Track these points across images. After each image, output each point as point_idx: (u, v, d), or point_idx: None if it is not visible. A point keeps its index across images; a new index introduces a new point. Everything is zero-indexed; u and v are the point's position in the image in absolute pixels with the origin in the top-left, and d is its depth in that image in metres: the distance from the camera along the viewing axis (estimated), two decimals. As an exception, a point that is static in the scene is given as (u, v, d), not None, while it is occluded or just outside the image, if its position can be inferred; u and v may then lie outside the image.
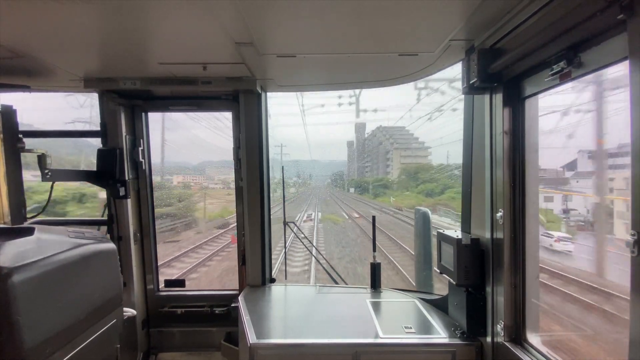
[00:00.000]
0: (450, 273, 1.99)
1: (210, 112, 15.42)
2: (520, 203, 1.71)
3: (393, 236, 16.53)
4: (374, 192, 53.51)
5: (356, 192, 60.69)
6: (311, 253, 3.32)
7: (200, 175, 25.14)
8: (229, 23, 1.60)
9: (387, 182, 56.25)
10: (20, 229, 1.56)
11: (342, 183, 75.76)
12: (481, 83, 1.71)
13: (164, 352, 2.95)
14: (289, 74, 2.47)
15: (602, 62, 1.19)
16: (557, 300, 4.43)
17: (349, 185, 70.00)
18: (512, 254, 1.72)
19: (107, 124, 2.67)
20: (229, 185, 25.71)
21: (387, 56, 2.05)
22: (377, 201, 42.99)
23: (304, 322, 2.24)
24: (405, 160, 60.29)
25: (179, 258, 11.30)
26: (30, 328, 1.23)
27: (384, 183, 56.06)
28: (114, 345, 1.77)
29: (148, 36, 1.77)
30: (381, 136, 70.33)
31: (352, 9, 1.47)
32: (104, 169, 2.62)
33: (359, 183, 66.15)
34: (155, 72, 2.34)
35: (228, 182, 25.26)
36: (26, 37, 1.74)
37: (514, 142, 1.71)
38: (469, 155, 2.09)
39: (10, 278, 1.18)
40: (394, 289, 2.81)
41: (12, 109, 2.35)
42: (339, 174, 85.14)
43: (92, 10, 1.45)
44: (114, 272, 1.77)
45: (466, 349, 1.94)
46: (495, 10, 1.51)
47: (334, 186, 77.70)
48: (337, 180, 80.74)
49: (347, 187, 69.17)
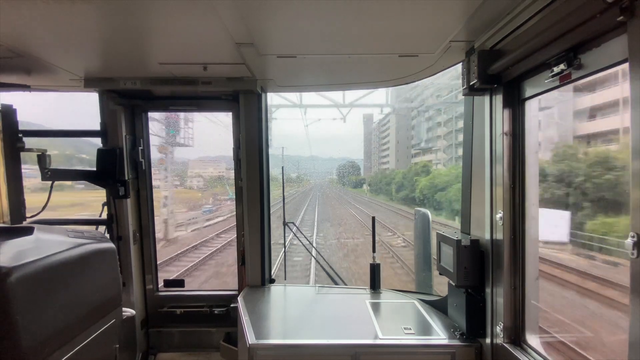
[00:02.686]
0: (450, 274, 1.99)
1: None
2: (520, 204, 1.71)
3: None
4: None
5: (370, 192, 46.72)
6: (310, 253, 3.32)
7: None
8: (230, 23, 1.60)
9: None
10: (20, 228, 1.56)
11: (355, 179, 58.19)
12: (481, 84, 1.71)
13: (163, 353, 2.95)
14: (289, 75, 2.47)
15: (602, 63, 1.19)
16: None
17: (366, 183, 53.95)
18: (511, 255, 1.72)
19: (107, 124, 2.66)
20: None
21: (388, 57, 2.05)
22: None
23: (304, 322, 2.23)
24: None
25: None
26: (29, 327, 1.23)
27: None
28: (112, 345, 1.77)
29: (148, 36, 1.77)
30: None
31: (352, 10, 1.47)
32: (104, 169, 2.62)
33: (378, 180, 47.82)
34: (156, 72, 2.34)
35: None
36: (26, 36, 1.74)
37: (514, 143, 1.71)
38: (469, 156, 2.09)
39: (9, 277, 1.18)
40: (393, 290, 2.81)
41: (12, 109, 2.35)
42: (349, 166, 63.40)
43: (92, 10, 1.45)
44: (113, 272, 1.77)
45: (465, 350, 1.94)
46: (495, 12, 1.52)
47: (341, 184, 60.57)
48: (346, 174, 60.49)
49: (362, 185, 54.00)
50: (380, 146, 63.85)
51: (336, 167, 69.21)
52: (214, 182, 25.68)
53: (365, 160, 73.42)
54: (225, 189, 25.98)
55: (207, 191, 25.46)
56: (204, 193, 25.18)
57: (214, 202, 24.23)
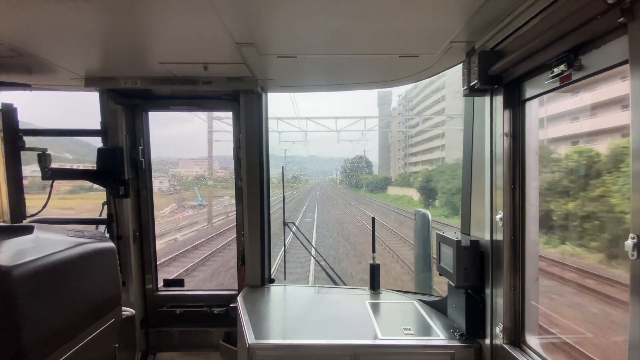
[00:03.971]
0: (450, 275, 1.99)
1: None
2: (520, 205, 1.71)
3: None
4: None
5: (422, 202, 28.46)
6: (310, 253, 3.32)
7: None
8: (230, 23, 1.60)
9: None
10: (20, 227, 1.56)
11: (370, 179, 45.16)
12: (482, 85, 1.71)
13: (162, 352, 2.95)
14: (290, 75, 2.48)
15: (603, 65, 1.19)
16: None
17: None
18: (511, 256, 1.72)
19: (107, 123, 2.66)
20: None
21: (388, 57, 2.05)
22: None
23: (303, 322, 2.23)
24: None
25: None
26: (29, 326, 1.23)
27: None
28: (112, 345, 1.77)
29: (149, 36, 1.78)
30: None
31: (353, 10, 1.47)
32: (104, 168, 2.62)
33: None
34: (156, 72, 2.35)
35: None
36: (27, 35, 1.74)
37: (514, 144, 1.71)
38: (469, 157, 2.09)
39: (9, 276, 1.18)
40: (393, 290, 2.81)
41: (12, 108, 2.35)
42: (357, 162, 48.93)
43: (93, 9, 1.46)
44: (113, 271, 1.77)
45: (465, 351, 1.94)
46: (496, 13, 1.52)
47: (349, 186, 48.65)
48: (353, 173, 47.85)
49: (385, 187, 43.10)
50: (407, 135, 45.93)
51: (341, 165, 56.48)
52: (186, 184, 22.80)
53: (382, 154, 59.81)
54: (195, 193, 22.59)
55: (173, 195, 22.90)
56: (169, 198, 22.70)
57: (176, 211, 21.06)
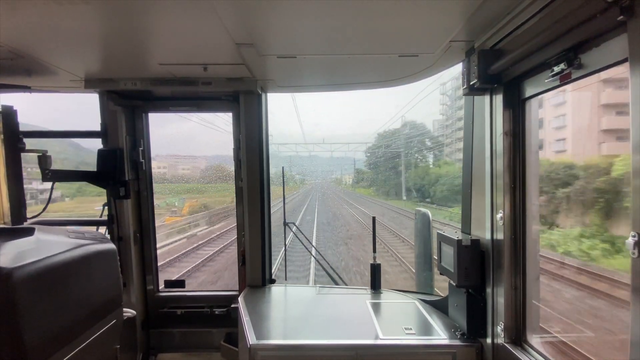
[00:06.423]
0: (451, 274, 1.99)
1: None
2: (521, 204, 1.71)
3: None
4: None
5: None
6: (310, 253, 3.32)
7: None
8: (230, 24, 1.60)
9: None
10: (20, 229, 1.56)
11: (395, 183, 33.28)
12: (481, 84, 1.71)
13: (163, 353, 2.95)
14: (290, 75, 2.48)
15: (602, 63, 1.19)
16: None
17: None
18: (512, 255, 1.72)
19: (107, 125, 2.67)
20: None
21: (388, 57, 2.05)
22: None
23: (304, 323, 2.23)
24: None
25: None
26: (30, 328, 1.23)
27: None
28: (113, 346, 1.77)
29: (148, 37, 1.78)
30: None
31: (352, 10, 1.47)
32: (105, 170, 2.62)
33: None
34: (156, 73, 2.35)
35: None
36: (27, 37, 1.74)
37: (514, 143, 1.71)
38: (469, 156, 2.09)
39: (10, 278, 1.18)
40: (394, 290, 2.81)
41: (12, 110, 2.35)
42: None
43: (92, 11, 1.46)
44: (113, 272, 1.77)
45: (466, 350, 1.94)
46: (495, 12, 1.52)
47: (379, 193, 37.81)
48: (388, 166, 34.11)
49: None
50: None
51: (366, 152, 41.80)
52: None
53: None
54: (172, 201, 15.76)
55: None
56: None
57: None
